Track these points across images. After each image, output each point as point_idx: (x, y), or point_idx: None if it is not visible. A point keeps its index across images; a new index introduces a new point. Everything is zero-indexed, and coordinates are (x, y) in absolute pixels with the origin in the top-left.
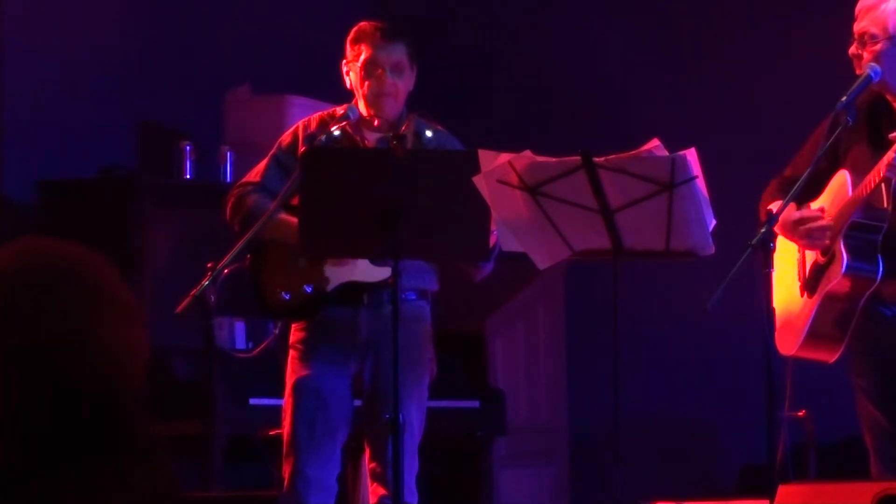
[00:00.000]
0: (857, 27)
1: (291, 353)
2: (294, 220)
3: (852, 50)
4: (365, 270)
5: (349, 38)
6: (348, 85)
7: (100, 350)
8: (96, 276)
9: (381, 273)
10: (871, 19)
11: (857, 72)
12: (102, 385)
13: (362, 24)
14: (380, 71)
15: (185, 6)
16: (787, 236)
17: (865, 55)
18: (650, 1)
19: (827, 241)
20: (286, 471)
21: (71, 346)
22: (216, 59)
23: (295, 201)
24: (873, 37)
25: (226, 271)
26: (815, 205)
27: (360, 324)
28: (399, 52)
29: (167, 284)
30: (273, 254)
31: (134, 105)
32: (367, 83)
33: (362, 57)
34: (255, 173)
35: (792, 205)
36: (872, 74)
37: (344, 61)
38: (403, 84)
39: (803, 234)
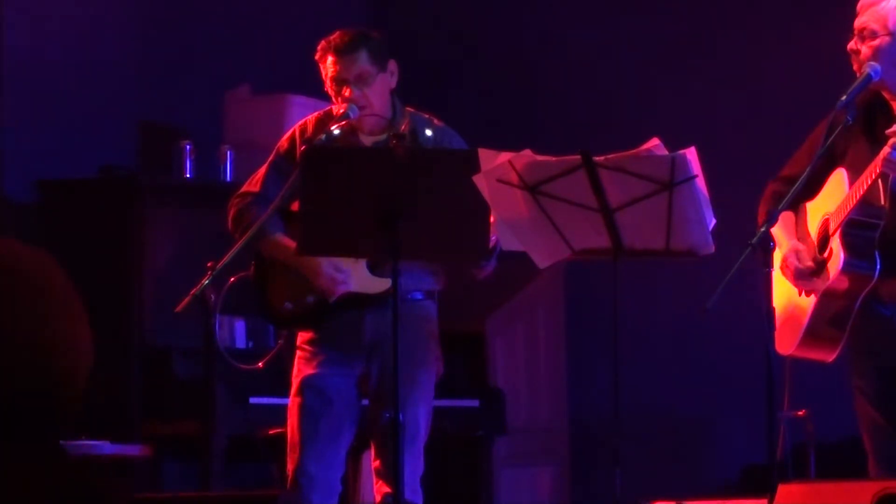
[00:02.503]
0: (858, 22)
1: (298, 353)
2: (291, 244)
3: (851, 45)
4: (364, 282)
5: (315, 55)
6: None
7: (41, 347)
8: (43, 275)
9: (381, 284)
10: (872, 15)
11: (855, 67)
12: (40, 382)
13: (322, 41)
14: (344, 87)
15: (186, 6)
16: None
17: (864, 50)
18: (649, 10)
19: (808, 288)
20: (289, 469)
21: (11, 343)
22: (216, 59)
23: (294, 207)
24: (873, 32)
25: (232, 279)
26: (811, 206)
27: (365, 326)
28: (360, 62)
29: (167, 284)
30: (276, 265)
31: (134, 104)
32: (338, 99)
33: (328, 75)
34: (255, 182)
35: (791, 215)
36: (872, 73)
37: None
38: (374, 90)
39: (791, 272)
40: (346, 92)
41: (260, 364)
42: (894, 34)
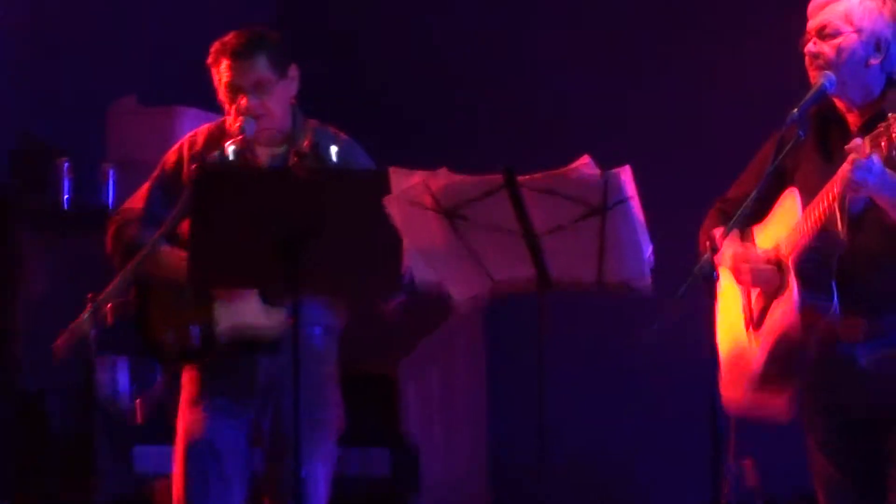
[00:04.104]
0: (816, 22)
1: (182, 396)
2: (180, 253)
3: (810, 47)
4: (257, 313)
5: (208, 59)
6: None
7: None
8: None
9: (276, 317)
10: (832, 12)
11: (810, 71)
12: None
13: (215, 43)
14: (240, 96)
15: (66, 11)
16: (730, 270)
17: (827, 50)
18: (586, 11)
19: (776, 284)
20: None
21: None
22: (98, 68)
23: (183, 228)
24: (836, 30)
25: (109, 306)
26: (759, 230)
27: (257, 366)
28: (259, 68)
29: (43, 317)
30: (159, 290)
31: (7, 118)
32: (232, 108)
33: (222, 80)
34: (138, 199)
35: (735, 234)
36: (827, 84)
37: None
38: (274, 98)
39: (748, 272)
40: (242, 101)
41: (139, 418)
42: (861, 31)
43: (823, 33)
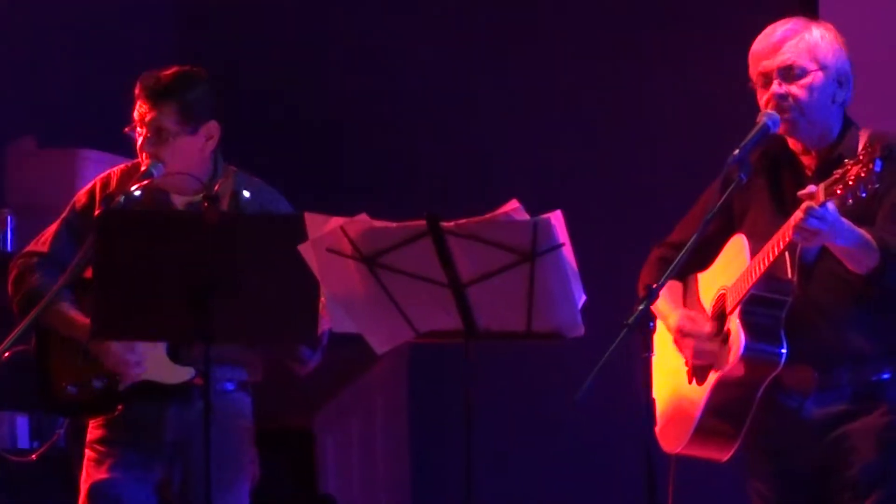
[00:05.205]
0: (778, 61)
1: (87, 453)
2: (83, 320)
3: (775, 88)
4: (163, 370)
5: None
6: None
7: None
8: None
9: (181, 373)
10: (794, 51)
11: (783, 115)
12: None
13: (143, 73)
14: (142, 136)
15: None
16: (672, 340)
17: (796, 90)
18: (514, 53)
19: (711, 360)
20: None
21: None
22: None
23: (89, 274)
24: (803, 69)
25: (6, 355)
26: (704, 277)
27: (166, 421)
28: (163, 116)
29: None
30: (60, 339)
31: None
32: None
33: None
34: (43, 241)
35: (678, 286)
36: (770, 123)
37: None
38: (172, 150)
39: (690, 349)
40: (139, 140)
41: (34, 456)
42: (827, 68)
43: (790, 74)
